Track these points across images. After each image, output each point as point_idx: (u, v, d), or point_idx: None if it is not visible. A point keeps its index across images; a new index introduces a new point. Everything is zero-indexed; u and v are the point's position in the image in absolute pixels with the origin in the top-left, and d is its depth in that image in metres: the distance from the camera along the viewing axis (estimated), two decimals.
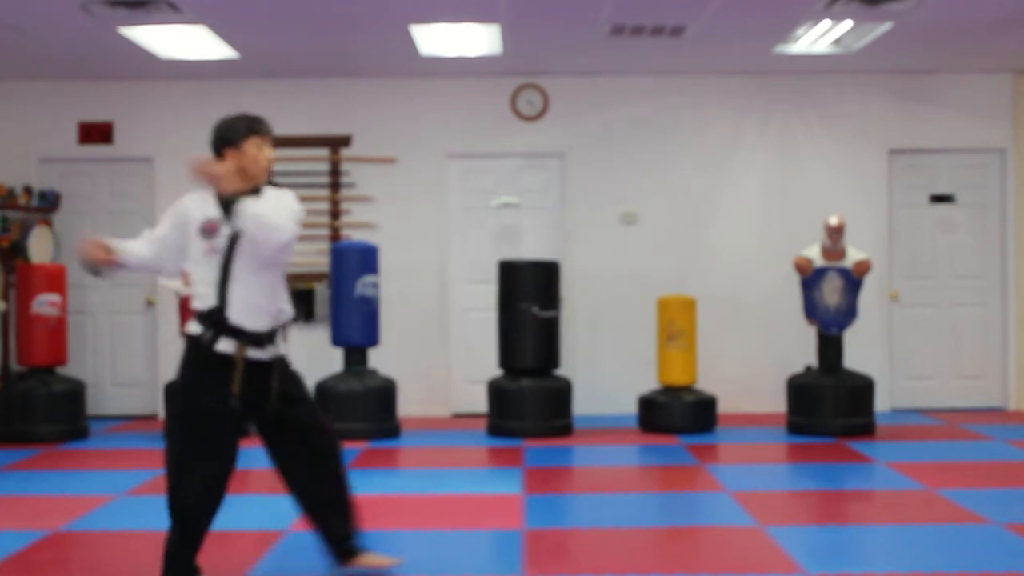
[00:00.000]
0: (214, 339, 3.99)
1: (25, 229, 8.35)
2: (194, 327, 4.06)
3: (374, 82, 9.10)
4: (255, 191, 4.08)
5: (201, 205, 4.09)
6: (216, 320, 3.99)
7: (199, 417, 4.03)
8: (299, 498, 4.31)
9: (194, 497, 4.02)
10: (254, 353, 4.04)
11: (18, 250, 8.29)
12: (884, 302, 9.18)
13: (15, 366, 8.49)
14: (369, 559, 4.34)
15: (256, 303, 4.02)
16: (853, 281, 8.01)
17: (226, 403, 3.99)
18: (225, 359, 3.99)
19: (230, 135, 4.11)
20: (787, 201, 9.16)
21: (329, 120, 9.11)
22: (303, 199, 9.03)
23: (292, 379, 4.23)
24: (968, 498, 5.76)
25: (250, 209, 3.94)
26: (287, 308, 4.17)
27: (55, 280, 8.12)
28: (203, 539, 4.12)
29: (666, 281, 8.82)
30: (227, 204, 3.99)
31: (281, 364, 4.17)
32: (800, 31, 7.74)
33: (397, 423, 8.15)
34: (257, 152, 4.11)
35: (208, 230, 4.03)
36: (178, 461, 4.04)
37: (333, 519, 4.31)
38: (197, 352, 4.03)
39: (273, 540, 5.02)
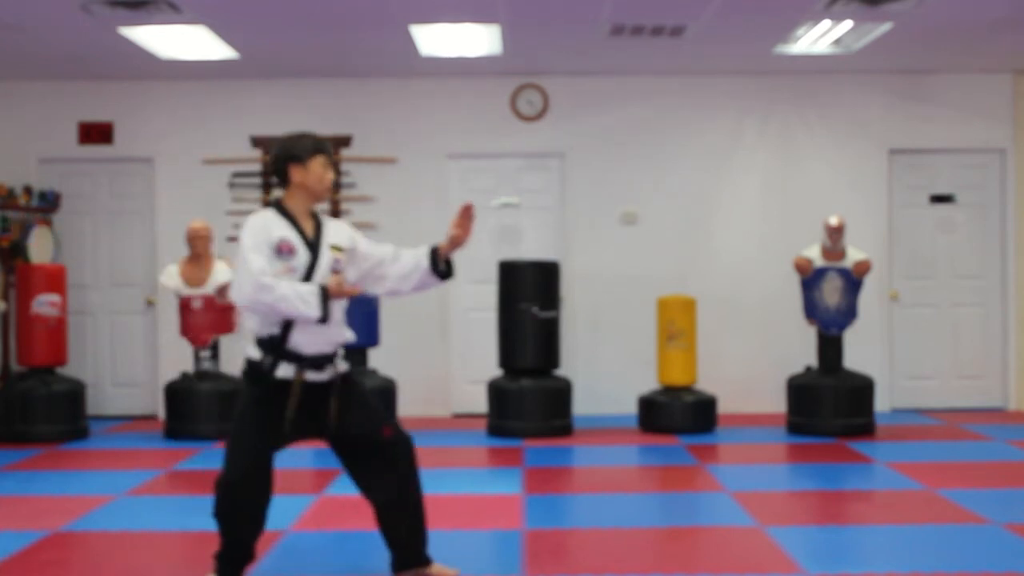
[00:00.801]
0: (274, 365, 4.02)
1: (25, 229, 8.35)
2: (253, 351, 4.06)
3: (374, 82, 9.10)
4: (314, 214, 4.17)
5: (275, 224, 4.06)
6: (275, 345, 4.02)
7: (245, 430, 4.08)
8: (372, 506, 4.30)
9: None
10: (313, 376, 4.06)
11: (18, 250, 8.30)
12: (884, 302, 9.18)
13: (15, 366, 8.49)
14: (435, 570, 4.31)
15: (318, 328, 4.02)
16: (853, 281, 8.01)
17: (279, 424, 4.02)
18: (283, 384, 4.03)
19: (296, 151, 4.10)
20: (787, 201, 9.16)
21: (329, 120, 9.10)
22: None
23: (356, 395, 4.20)
24: (968, 498, 5.76)
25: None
26: (348, 333, 4.19)
27: (55, 280, 8.12)
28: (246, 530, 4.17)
29: (666, 281, 8.83)
30: (298, 226, 4.07)
31: (343, 383, 4.15)
32: (800, 31, 7.74)
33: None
34: (322, 171, 4.13)
35: (285, 251, 4.01)
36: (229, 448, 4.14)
37: (401, 529, 4.27)
38: (258, 377, 4.05)
39: (273, 540, 5.01)
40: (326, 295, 3.95)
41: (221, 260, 8.20)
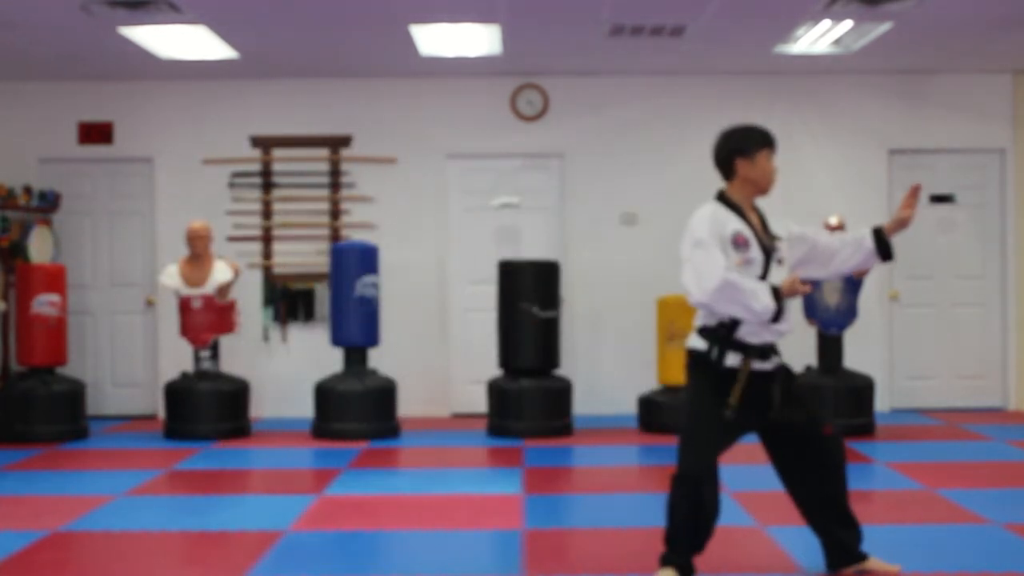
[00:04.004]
0: (721, 354, 4.05)
1: (25, 229, 8.35)
2: (698, 342, 4.10)
3: (374, 82, 9.10)
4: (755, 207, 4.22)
5: (725, 216, 4.12)
6: (724, 336, 4.05)
7: (701, 420, 4.12)
8: (798, 504, 4.35)
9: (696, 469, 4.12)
10: (758, 365, 4.08)
11: (18, 250, 8.29)
12: (884, 302, 9.18)
13: (15, 366, 8.49)
14: (874, 564, 4.32)
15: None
16: (853, 281, 8.01)
17: (723, 413, 4.06)
18: (731, 372, 4.06)
19: (744, 145, 4.16)
20: (787, 201, 9.13)
21: (329, 120, 9.11)
22: (303, 199, 9.09)
23: (794, 387, 4.23)
24: (968, 498, 5.76)
25: (796, 231, 4.24)
26: (791, 322, 4.21)
27: (55, 280, 8.12)
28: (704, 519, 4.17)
29: (666, 281, 8.79)
30: (746, 218, 4.11)
31: (784, 373, 4.19)
32: (800, 31, 7.74)
33: (397, 423, 8.15)
34: (767, 165, 4.16)
35: (741, 243, 4.06)
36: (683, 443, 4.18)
37: (833, 527, 4.31)
38: (705, 367, 4.08)
39: (273, 540, 5.01)
40: (779, 294, 3.98)
41: (221, 260, 8.20)
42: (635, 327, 8.96)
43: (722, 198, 4.20)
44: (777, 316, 3.98)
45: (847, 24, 7.50)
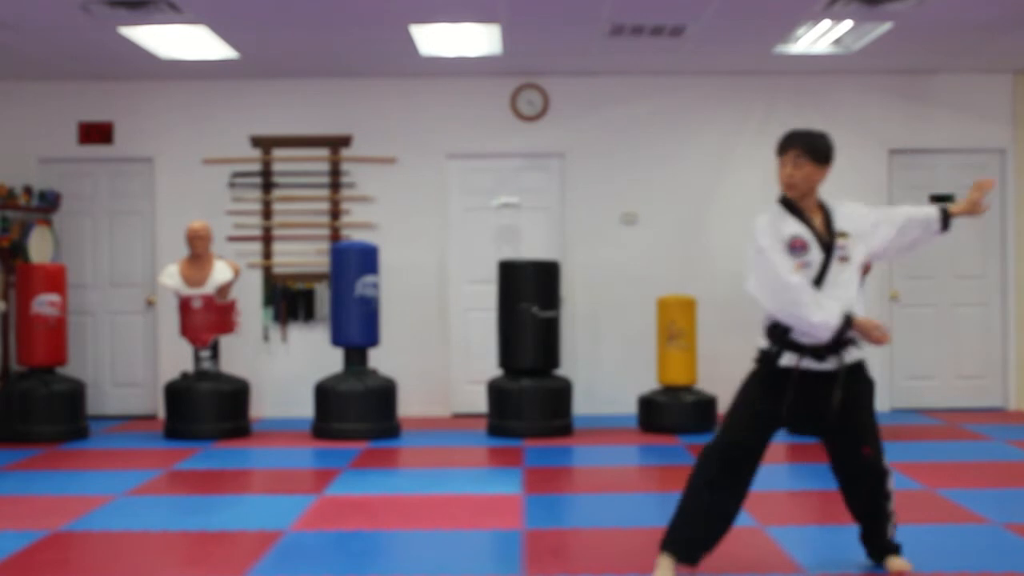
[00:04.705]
0: (778, 353, 4.15)
1: (25, 229, 8.35)
2: (763, 341, 4.24)
3: (374, 82, 9.10)
4: (821, 205, 4.29)
5: (783, 220, 4.20)
6: (779, 335, 4.15)
7: (741, 410, 4.21)
8: (844, 497, 4.47)
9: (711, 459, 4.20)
10: (813, 365, 4.13)
11: (18, 250, 8.30)
12: (884, 302, 9.18)
13: (15, 366, 8.49)
14: (891, 562, 4.43)
15: None
16: None
17: (776, 409, 4.14)
18: (783, 372, 4.15)
19: (776, 152, 4.31)
20: None
21: (329, 120, 9.11)
22: (303, 199, 9.09)
23: (857, 391, 4.22)
24: (968, 498, 5.76)
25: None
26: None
27: (55, 280, 8.12)
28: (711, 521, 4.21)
29: (666, 281, 8.83)
30: (807, 220, 4.18)
31: (850, 374, 4.18)
32: (800, 31, 7.74)
33: (397, 423, 8.15)
34: (781, 169, 4.26)
35: (798, 247, 4.13)
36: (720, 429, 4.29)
37: (867, 526, 4.46)
38: (762, 363, 4.22)
39: (273, 540, 5.02)
40: (848, 323, 4.03)
41: (221, 260, 8.20)
42: (635, 327, 8.96)
43: (784, 201, 4.27)
44: (836, 341, 4.05)
45: (847, 24, 7.50)
